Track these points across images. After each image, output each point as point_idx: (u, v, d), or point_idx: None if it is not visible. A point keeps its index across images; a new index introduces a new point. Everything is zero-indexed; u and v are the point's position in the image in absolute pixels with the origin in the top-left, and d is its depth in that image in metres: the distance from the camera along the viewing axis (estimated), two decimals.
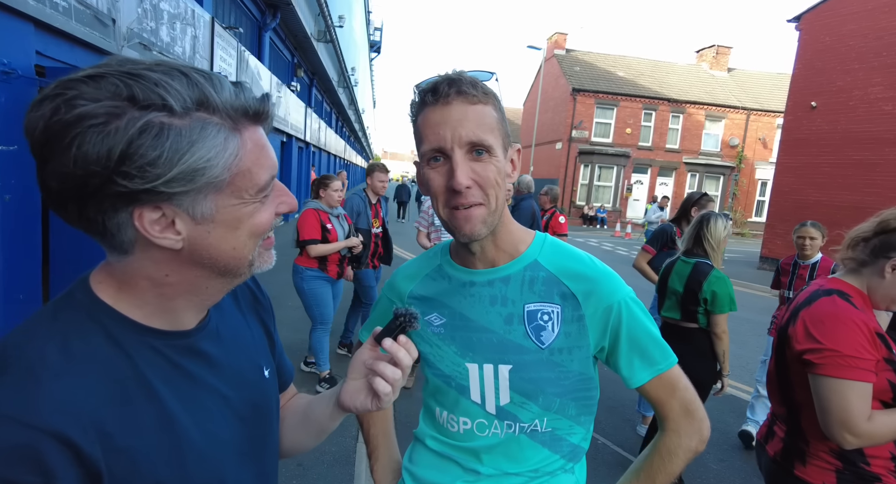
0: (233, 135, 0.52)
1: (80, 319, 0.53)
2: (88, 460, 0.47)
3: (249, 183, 0.54)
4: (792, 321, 1.30)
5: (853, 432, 1.13)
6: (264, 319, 0.77)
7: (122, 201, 0.48)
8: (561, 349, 0.84)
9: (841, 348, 1.15)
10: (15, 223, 3.27)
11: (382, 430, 1.06)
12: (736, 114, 22.52)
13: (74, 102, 0.45)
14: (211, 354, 0.62)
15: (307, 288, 3.59)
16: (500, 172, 0.79)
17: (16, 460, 0.43)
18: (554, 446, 0.88)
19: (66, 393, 0.47)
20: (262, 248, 0.59)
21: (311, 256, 3.53)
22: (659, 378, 0.84)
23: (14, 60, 3.12)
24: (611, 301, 0.83)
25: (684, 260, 2.72)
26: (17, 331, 0.52)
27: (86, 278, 0.56)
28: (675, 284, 2.71)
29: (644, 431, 3.33)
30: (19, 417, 0.44)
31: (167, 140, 0.47)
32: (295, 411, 0.81)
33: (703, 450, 0.84)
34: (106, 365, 0.52)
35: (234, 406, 0.63)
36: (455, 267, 0.91)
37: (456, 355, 0.88)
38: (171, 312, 0.58)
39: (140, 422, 0.52)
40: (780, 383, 1.36)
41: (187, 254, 0.53)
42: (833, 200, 10.82)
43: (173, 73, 0.49)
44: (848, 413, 1.13)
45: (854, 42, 10.60)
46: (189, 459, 0.56)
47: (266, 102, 0.55)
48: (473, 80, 0.79)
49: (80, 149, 0.45)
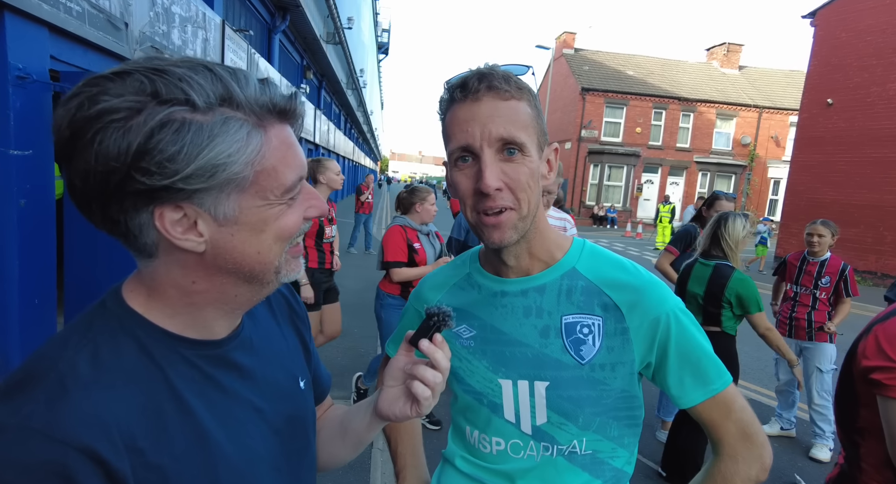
0: (256, 131, 0.50)
1: (111, 330, 0.52)
2: (117, 476, 0.45)
3: (275, 183, 0.51)
4: (864, 336, 1.19)
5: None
6: (300, 329, 0.75)
7: (143, 200, 0.47)
8: (603, 365, 0.78)
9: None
10: (30, 228, 3.28)
11: (411, 448, 1.01)
12: (748, 112, 22.22)
13: (98, 98, 0.45)
14: (244, 365, 0.60)
15: (385, 317, 3.19)
16: (533, 174, 0.74)
17: (44, 476, 0.42)
18: (595, 470, 0.82)
19: (96, 406, 0.46)
20: (289, 255, 0.56)
21: (392, 280, 3.10)
22: (713, 399, 0.78)
23: (29, 65, 3.14)
24: (658, 312, 0.77)
25: (703, 262, 2.64)
26: (51, 341, 0.51)
27: (118, 288, 0.56)
28: (696, 287, 2.64)
29: (664, 437, 3.26)
30: (48, 432, 0.43)
31: (187, 135, 0.46)
32: (331, 422, 0.78)
33: (763, 479, 0.78)
34: (137, 377, 0.50)
35: (268, 419, 0.61)
36: (485, 275, 0.86)
37: (488, 370, 0.83)
38: (201, 322, 0.56)
39: (172, 436, 0.50)
40: (841, 405, 1.25)
41: (211, 258, 0.52)
42: (850, 199, 10.62)
43: (198, 69, 0.48)
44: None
45: (871, 37, 10.40)
46: (223, 475, 0.54)
47: (294, 100, 0.53)
48: (506, 74, 0.73)
49: (100, 144, 0.45)
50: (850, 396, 1.22)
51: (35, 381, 0.46)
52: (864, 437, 1.18)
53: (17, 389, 0.46)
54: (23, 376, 0.47)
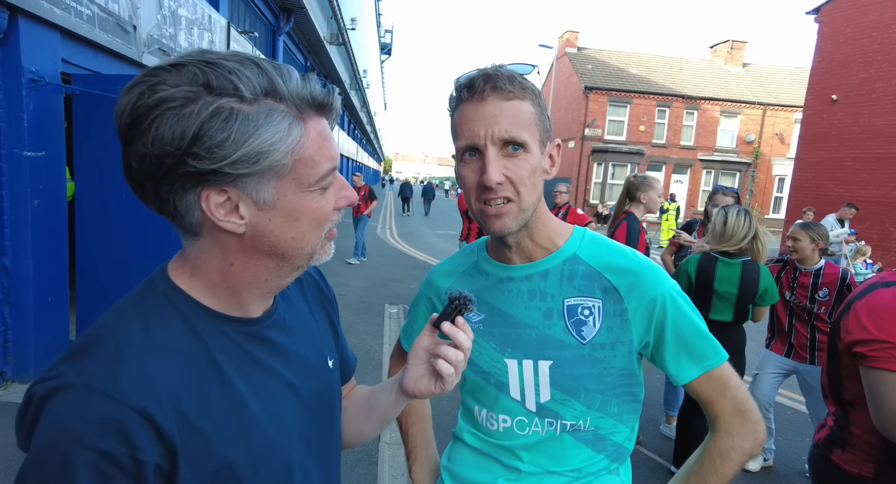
0: (297, 122, 0.54)
1: (160, 304, 0.56)
2: (166, 436, 0.49)
3: (311, 171, 0.55)
4: (844, 313, 1.26)
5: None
6: (329, 311, 0.79)
7: (192, 182, 0.51)
8: (603, 344, 0.83)
9: (894, 339, 1.11)
10: (43, 228, 3.34)
11: (421, 430, 1.05)
12: (752, 109, 22.12)
13: (157, 87, 0.49)
14: (277, 342, 0.64)
15: None
16: (534, 169, 0.79)
17: (104, 429, 0.46)
18: (597, 446, 0.86)
19: (148, 372, 0.51)
20: (325, 239, 0.61)
21: None
22: (709, 375, 0.82)
23: (42, 68, 3.20)
24: (654, 294, 0.81)
25: (727, 262, 2.55)
26: (108, 313, 0.56)
27: (165, 266, 0.60)
28: (727, 287, 2.57)
29: (668, 431, 3.29)
30: (108, 391, 0.48)
31: (235, 123, 0.49)
32: (357, 401, 0.83)
33: (758, 453, 0.82)
34: (182, 348, 0.55)
35: (299, 394, 0.65)
36: (492, 263, 0.91)
37: (495, 351, 0.88)
38: (238, 301, 0.60)
39: (213, 404, 0.54)
40: (830, 379, 1.33)
41: (249, 240, 0.55)
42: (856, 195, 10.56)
43: (246, 63, 0.52)
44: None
45: (876, 33, 10.35)
46: (257, 443, 0.57)
47: (331, 95, 0.57)
48: (511, 74, 0.78)
49: (157, 130, 0.48)
50: (836, 372, 1.30)
51: (95, 346, 0.51)
52: (853, 407, 1.26)
53: (81, 353, 0.51)
54: (85, 343, 0.52)
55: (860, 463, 1.22)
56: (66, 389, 0.48)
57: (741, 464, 0.82)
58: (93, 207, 3.65)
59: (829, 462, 1.29)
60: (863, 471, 1.21)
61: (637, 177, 3.14)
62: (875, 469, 1.20)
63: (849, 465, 1.24)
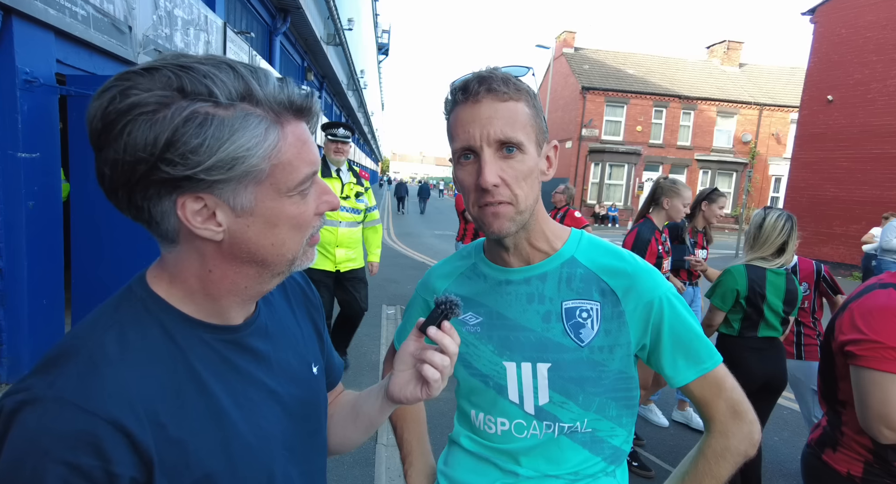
0: (274, 127, 0.52)
1: (137, 312, 0.55)
2: (142, 448, 0.48)
3: (289, 176, 0.54)
4: (840, 313, 1.28)
5: (891, 427, 1.11)
6: (314, 317, 0.78)
7: (166, 188, 0.50)
8: (601, 347, 0.82)
9: (885, 340, 1.12)
10: (38, 230, 3.32)
11: (416, 434, 1.04)
12: (748, 109, 22.21)
13: (129, 92, 0.48)
14: (259, 350, 0.63)
15: None
16: (530, 171, 0.78)
17: (76, 443, 0.45)
18: (595, 448, 0.86)
19: (123, 383, 0.49)
20: (306, 245, 0.59)
21: None
22: (704, 377, 0.82)
23: (36, 69, 3.18)
24: (651, 297, 0.81)
25: (776, 271, 2.35)
26: (82, 323, 0.54)
27: (143, 273, 0.59)
28: (776, 299, 2.33)
29: (681, 417, 3.36)
30: (80, 403, 0.47)
31: (210, 128, 0.48)
32: (343, 407, 0.81)
33: (752, 454, 0.82)
34: (160, 357, 0.53)
35: (282, 401, 0.64)
36: (490, 265, 0.90)
37: (493, 354, 0.87)
38: (218, 309, 0.59)
39: (191, 414, 0.53)
40: (824, 380, 1.35)
41: (228, 247, 0.54)
42: (852, 196, 10.62)
43: (221, 66, 0.50)
44: (887, 407, 1.10)
45: (872, 33, 10.41)
46: (237, 452, 0.56)
47: (310, 99, 0.56)
48: (505, 76, 0.78)
49: (130, 136, 0.47)
50: (830, 372, 1.31)
51: (67, 358, 0.50)
52: (845, 407, 1.27)
53: (53, 365, 0.49)
54: (57, 354, 0.50)
55: (850, 462, 1.24)
56: (34, 402, 0.46)
57: (736, 465, 0.82)
58: (88, 209, 3.63)
59: (820, 462, 1.31)
60: (852, 470, 1.23)
61: (666, 180, 2.95)
62: (864, 469, 1.22)
63: (839, 464, 1.26)
